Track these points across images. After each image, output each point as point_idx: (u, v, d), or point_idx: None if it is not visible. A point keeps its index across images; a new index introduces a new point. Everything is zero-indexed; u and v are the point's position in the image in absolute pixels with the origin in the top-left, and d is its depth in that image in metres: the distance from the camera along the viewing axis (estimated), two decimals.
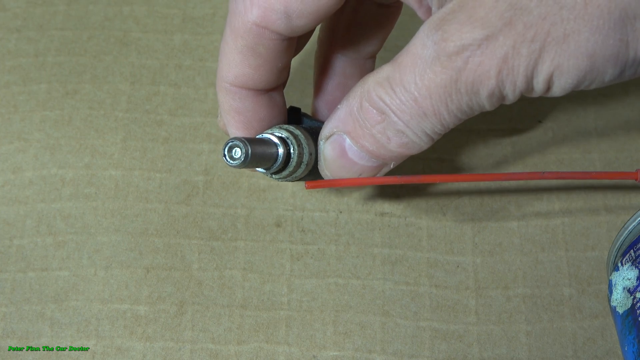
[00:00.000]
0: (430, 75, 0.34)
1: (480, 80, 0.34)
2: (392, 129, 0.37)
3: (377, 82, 0.36)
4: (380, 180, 0.43)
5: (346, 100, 0.38)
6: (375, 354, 0.46)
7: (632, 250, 0.42)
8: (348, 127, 0.38)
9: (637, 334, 0.40)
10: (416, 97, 0.35)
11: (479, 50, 0.33)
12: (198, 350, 0.46)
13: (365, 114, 0.37)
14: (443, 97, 0.35)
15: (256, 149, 0.38)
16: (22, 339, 0.46)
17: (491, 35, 0.33)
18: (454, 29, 0.33)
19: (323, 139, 0.39)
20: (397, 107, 0.36)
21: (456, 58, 0.34)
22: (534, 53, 0.33)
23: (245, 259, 0.49)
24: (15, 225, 0.49)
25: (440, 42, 0.34)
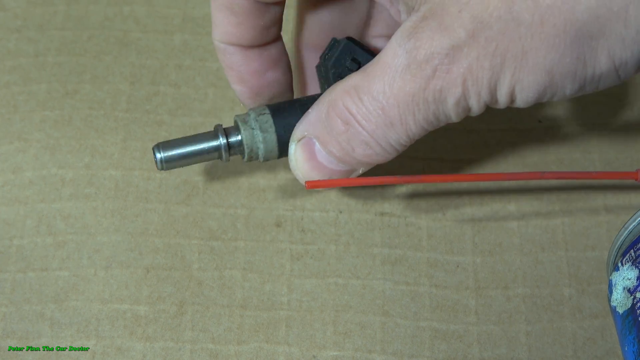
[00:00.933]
0: (400, 83, 0.35)
1: (448, 88, 0.35)
2: (357, 140, 0.37)
3: (344, 91, 0.37)
4: (380, 180, 0.43)
5: (317, 104, 0.39)
6: (375, 353, 0.46)
7: (632, 250, 0.42)
8: (317, 132, 0.39)
9: (637, 334, 0.40)
10: (384, 106, 0.36)
11: (447, 59, 0.34)
12: (198, 350, 0.46)
13: (332, 122, 0.38)
14: (411, 106, 0.35)
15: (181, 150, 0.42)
16: (22, 339, 0.46)
17: (457, 45, 0.34)
18: (425, 37, 0.34)
19: (294, 141, 0.40)
20: (363, 117, 0.36)
21: (426, 66, 0.34)
22: (495, 67, 0.34)
23: (245, 259, 0.49)
24: (15, 225, 0.49)
25: (412, 50, 0.34)
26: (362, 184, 0.41)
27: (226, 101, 0.54)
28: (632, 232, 0.43)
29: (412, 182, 0.50)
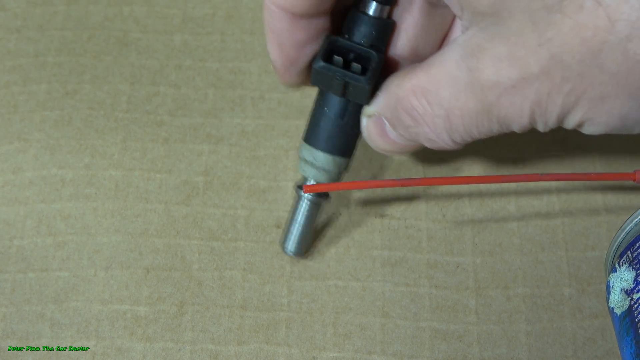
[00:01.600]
0: (464, 99, 0.35)
1: (512, 117, 0.35)
2: (422, 134, 0.38)
3: (412, 91, 0.37)
4: (378, 183, 0.43)
5: (386, 89, 0.39)
6: (375, 355, 0.46)
7: (629, 251, 0.42)
8: (386, 115, 0.39)
9: (635, 336, 0.40)
10: (449, 115, 0.36)
11: (513, 90, 0.33)
12: (198, 350, 0.46)
13: (400, 115, 0.38)
14: (474, 121, 0.36)
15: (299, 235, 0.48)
16: (22, 339, 0.46)
17: (527, 78, 0.33)
18: (489, 62, 0.33)
19: (365, 116, 0.41)
20: (429, 119, 0.37)
21: (489, 92, 0.34)
22: (568, 105, 0.33)
23: (246, 259, 0.49)
24: (15, 225, 0.49)
25: (474, 70, 0.34)
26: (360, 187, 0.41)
27: (226, 101, 0.54)
28: (629, 233, 0.43)
29: (410, 185, 0.50)
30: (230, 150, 0.52)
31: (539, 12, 0.31)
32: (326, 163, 0.44)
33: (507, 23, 0.32)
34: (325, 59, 0.40)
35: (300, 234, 0.47)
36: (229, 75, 0.55)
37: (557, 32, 0.31)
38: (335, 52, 0.40)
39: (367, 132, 0.41)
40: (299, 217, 0.47)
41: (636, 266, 0.41)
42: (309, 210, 0.47)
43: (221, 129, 0.53)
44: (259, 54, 0.56)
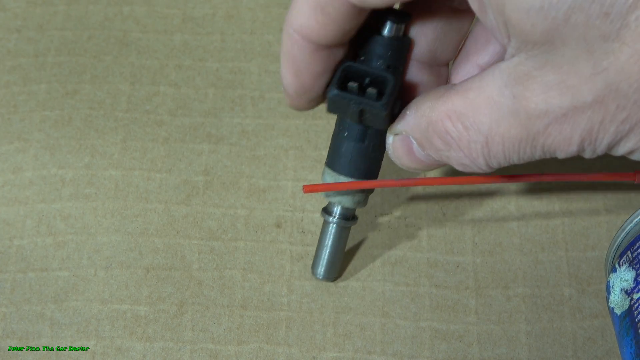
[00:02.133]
0: (506, 126, 0.34)
1: (559, 145, 0.34)
2: (455, 159, 0.37)
3: (447, 115, 0.36)
4: (378, 183, 0.43)
5: (415, 109, 0.38)
6: (375, 355, 0.46)
7: (629, 251, 0.42)
8: (415, 135, 0.38)
9: (635, 336, 0.40)
10: (488, 141, 0.35)
11: (563, 119, 0.33)
12: (198, 350, 0.46)
13: (431, 139, 0.37)
14: (516, 148, 0.35)
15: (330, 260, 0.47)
16: (22, 339, 0.46)
17: (579, 107, 0.32)
18: (538, 90, 0.33)
19: (392, 134, 0.40)
20: (465, 145, 0.36)
21: (536, 121, 0.33)
22: (621, 132, 0.33)
23: (245, 259, 0.49)
24: (15, 225, 0.49)
25: (521, 98, 0.33)
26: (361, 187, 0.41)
27: (226, 101, 0.54)
28: (629, 233, 0.43)
29: (411, 185, 0.50)
30: (230, 150, 0.52)
31: (596, 40, 0.31)
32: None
33: (560, 51, 0.31)
34: (339, 87, 0.39)
35: (329, 258, 0.47)
36: (229, 75, 0.55)
37: (615, 60, 0.31)
38: (350, 78, 0.39)
39: (392, 149, 0.40)
40: (327, 241, 0.46)
41: (636, 266, 0.41)
42: (336, 234, 0.46)
43: (221, 129, 0.53)
44: (259, 53, 0.56)
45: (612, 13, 0.30)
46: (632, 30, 0.30)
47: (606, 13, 0.30)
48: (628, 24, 0.30)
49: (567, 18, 0.30)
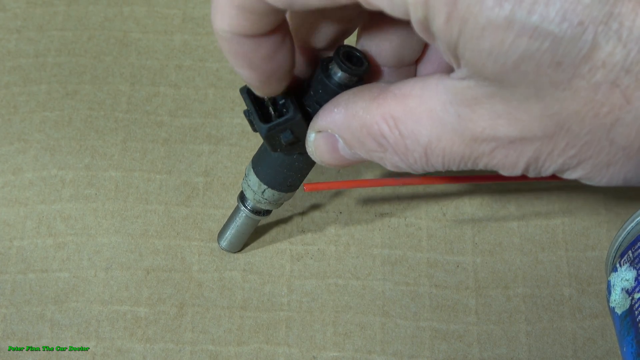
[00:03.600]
0: (449, 142, 0.34)
1: (503, 167, 0.34)
2: (389, 160, 0.37)
3: (382, 118, 0.35)
4: (380, 182, 0.43)
5: (345, 107, 0.37)
6: (375, 354, 0.46)
7: (630, 251, 0.42)
8: (344, 135, 0.37)
9: (636, 335, 0.40)
10: (427, 152, 0.35)
11: (510, 145, 0.33)
12: (198, 351, 0.46)
13: (364, 139, 0.37)
14: (457, 162, 0.35)
15: (228, 232, 0.48)
16: (22, 340, 0.46)
17: (527, 138, 0.32)
18: (486, 115, 0.32)
19: (314, 131, 0.39)
20: (402, 150, 0.35)
21: (482, 144, 0.33)
22: (569, 164, 0.33)
23: (245, 260, 0.49)
24: (15, 226, 0.49)
25: (467, 120, 0.33)
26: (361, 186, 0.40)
27: (226, 101, 0.54)
28: (630, 233, 0.43)
29: (410, 184, 0.50)
30: (230, 151, 0.52)
31: (546, 86, 0.30)
32: (253, 183, 0.44)
33: (510, 90, 0.31)
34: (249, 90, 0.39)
35: (233, 236, 0.48)
36: (229, 75, 0.55)
37: (567, 106, 0.31)
38: None
39: (314, 147, 0.39)
40: (235, 223, 0.47)
41: (637, 266, 0.41)
42: (244, 222, 0.47)
43: (221, 129, 0.53)
44: None
45: (564, 63, 0.29)
46: (585, 80, 0.30)
47: (558, 63, 0.29)
48: (581, 74, 0.30)
49: (516, 66, 0.30)
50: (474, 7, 0.29)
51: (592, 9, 0.28)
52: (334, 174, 0.51)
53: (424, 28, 0.31)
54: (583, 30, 0.29)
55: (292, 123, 0.39)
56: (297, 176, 0.43)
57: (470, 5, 0.29)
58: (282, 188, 0.43)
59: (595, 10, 0.29)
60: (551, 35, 0.29)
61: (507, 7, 0.29)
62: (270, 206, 0.45)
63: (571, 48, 0.29)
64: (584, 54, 0.29)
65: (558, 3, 0.28)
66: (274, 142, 0.40)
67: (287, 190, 0.44)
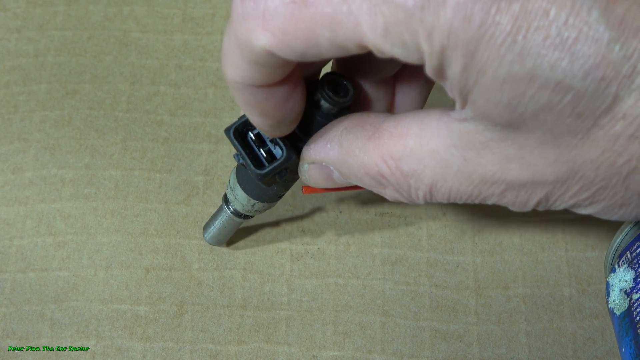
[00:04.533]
0: (455, 183, 0.34)
1: (513, 205, 0.34)
2: (390, 195, 0.37)
3: (382, 159, 0.35)
4: None
5: (339, 144, 0.37)
6: (375, 354, 0.46)
7: (628, 252, 0.42)
8: (340, 169, 0.37)
9: (634, 336, 0.40)
10: (432, 190, 0.35)
11: (521, 188, 0.33)
12: (198, 350, 0.46)
13: (363, 178, 0.36)
14: (463, 199, 0.35)
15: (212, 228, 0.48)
16: (22, 339, 0.46)
17: (540, 182, 0.32)
18: (496, 160, 0.32)
19: (307, 163, 0.39)
20: (406, 189, 0.35)
21: (492, 186, 0.33)
22: (581, 203, 0.33)
23: (245, 259, 0.49)
24: (15, 225, 0.49)
25: (474, 164, 0.33)
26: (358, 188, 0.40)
27: (226, 101, 0.54)
28: (628, 234, 0.43)
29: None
30: (230, 150, 0.52)
31: (563, 134, 0.30)
32: (242, 198, 0.44)
33: (524, 135, 0.31)
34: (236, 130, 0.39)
35: (217, 232, 0.47)
36: None
37: (583, 154, 0.31)
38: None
39: (308, 176, 0.39)
40: (218, 222, 0.47)
41: (635, 266, 0.41)
42: (226, 221, 0.46)
43: (221, 129, 0.53)
44: None
45: (584, 114, 0.29)
46: (604, 130, 0.30)
47: (579, 114, 0.29)
48: (601, 124, 0.30)
49: (535, 115, 0.30)
50: (494, 61, 0.29)
51: (617, 65, 0.28)
52: None
53: (437, 73, 0.31)
54: (606, 85, 0.29)
55: (287, 164, 0.38)
56: (285, 189, 0.43)
57: (489, 59, 0.29)
58: (272, 200, 0.43)
59: (619, 66, 0.28)
60: (573, 90, 0.29)
61: (529, 62, 0.28)
62: (258, 214, 0.45)
63: (593, 101, 0.29)
64: (605, 107, 0.29)
65: (582, 59, 0.28)
66: (270, 181, 0.40)
67: (276, 200, 0.44)
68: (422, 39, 0.29)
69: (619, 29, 0.28)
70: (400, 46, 0.30)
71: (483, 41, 0.28)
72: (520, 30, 0.28)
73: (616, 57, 0.28)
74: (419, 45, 0.29)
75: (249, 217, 0.46)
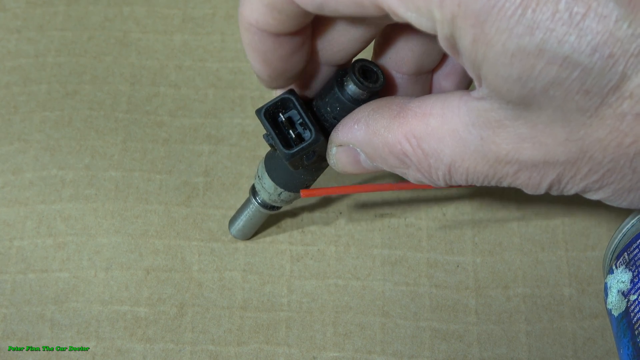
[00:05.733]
0: (472, 162, 0.34)
1: (526, 187, 0.34)
2: (412, 176, 0.37)
3: (405, 137, 0.36)
4: (376, 187, 0.43)
5: (366, 125, 0.37)
6: (375, 354, 0.46)
7: (625, 253, 0.42)
8: (366, 150, 0.38)
9: (632, 337, 0.40)
10: (451, 170, 0.35)
11: (534, 168, 0.33)
12: (198, 351, 0.46)
13: (386, 157, 0.37)
14: (480, 180, 0.35)
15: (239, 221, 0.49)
16: (22, 340, 0.46)
17: (551, 162, 0.33)
18: (509, 139, 0.33)
19: (335, 145, 0.39)
20: (426, 169, 0.36)
21: (506, 166, 0.33)
22: (590, 188, 0.33)
23: (245, 260, 0.49)
24: (16, 226, 0.49)
25: (489, 142, 0.33)
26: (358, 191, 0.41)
27: (226, 102, 0.54)
28: (625, 235, 0.43)
29: (407, 189, 0.50)
30: (230, 151, 0.52)
31: (573, 112, 0.31)
32: (271, 188, 0.44)
33: (536, 113, 0.31)
34: (267, 111, 0.40)
35: (243, 226, 0.48)
36: (229, 75, 0.55)
37: (591, 132, 0.31)
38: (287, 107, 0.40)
39: (335, 160, 0.40)
40: (245, 214, 0.48)
41: (632, 268, 0.41)
42: (253, 213, 0.47)
43: (221, 129, 0.53)
44: None
45: (592, 92, 0.30)
46: (612, 109, 0.30)
47: (586, 91, 0.30)
48: (608, 102, 0.30)
49: (545, 91, 0.30)
50: (503, 33, 0.29)
51: (625, 43, 0.28)
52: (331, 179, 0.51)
53: (450, 45, 0.31)
54: (613, 62, 0.29)
55: (315, 146, 0.39)
56: (313, 178, 0.44)
57: (499, 30, 0.29)
58: (298, 189, 0.44)
59: (627, 44, 0.29)
60: (581, 66, 0.29)
61: (538, 36, 0.29)
62: (285, 204, 0.46)
63: (600, 78, 0.29)
64: (612, 85, 0.29)
65: (590, 35, 0.28)
66: (297, 163, 0.40)
67: (301, 189, 0.44)
68: (434, 5, 0.30)
69: (628, 7, 0.28)
70: (414, 10, 0.30)
71: (493, 12, 0.29)
72: (530, 4, 0.28)
73: (624, 35, 0.28)
74: (432, 12, 0.30)
75: (275, 208, 0.46)
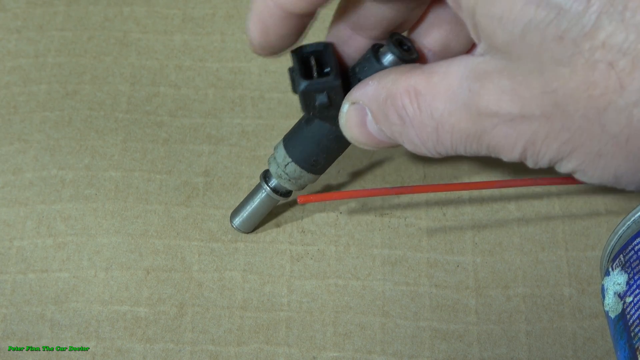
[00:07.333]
0: (457, 117, 0.35)
1: (503, 149, 0.35)
2: (407, 136, 0.37)
3: (406, 90, 0.36)
4: (372, 192, 0.43)
5: (378, 80, 0.38)
6: (375, 354, 0.46)
7: (621, 255, 0.42)
8: (372, 107, 0.39)
9: (628, 339, 0.40)
10: (438, 128, 0.36)
11: (510, 124, 0.33)
12: (198, 351, 0.46)
13: (388, 110, 0.38)
14: (463, 141, 0.35)
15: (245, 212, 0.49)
16: (22, 340, 0.46)
17: (526, 116, 0.33)
18: (492, 90, 0.33)
19: (348, 102, 0.40)
20: (418, 125, 0.36)
21: (485, 119, 0.34)
22: (562, 152, 0.33)
23: (245, 260, 0.49)
24: (15, 226, 0.49)
25: (475, 94, 0.34)
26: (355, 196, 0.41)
27: (226, 102, 0.54)
28: (621, 237, 0.43)
29: (405, 193, 0.50)
30: (230, 151, 0.52)
31: (548, 62, 0.31)
32: (280, 157, 0.45)
33: (516, 63, 0.32)
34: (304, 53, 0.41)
35: (249, 215, 0.48)
36: (229, 75, 0.55)
37: (564, 84, 0.31)
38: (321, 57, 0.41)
39: (345, 118, 0.41)
40: (253, 202, 0.48)
41: (628, 270, 0.41)
42: (263, 200, 0.48)
43: (221, 129, 0.53)
44: None
45: (566, 38, 0.30)
46: (584, 58, 0.30)
47: (560, 37, 0.30)
48: (581, 51, 0.30)
49: (523, 35, 0.31)
50: None
51: None
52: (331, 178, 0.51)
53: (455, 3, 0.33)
54: (588, 7, 0.30)
55: (330, 86, 0.40)
56: (323, 155, 0.44)
57: None
58: (306, 165, 0.44)
59: None
60: (557, 7, 0.30)
61: None
62: (290, 184, 0.46)
63: (575, 23, 0.30)
64: (586, 32, 0.30)
65: None
66: (308, 102, 0.41)
67: (309, 170, 0.45)
68: None
69: None
70: None
71: None
72: None
73: None
74: None
75: (285, 195, 0.47)
